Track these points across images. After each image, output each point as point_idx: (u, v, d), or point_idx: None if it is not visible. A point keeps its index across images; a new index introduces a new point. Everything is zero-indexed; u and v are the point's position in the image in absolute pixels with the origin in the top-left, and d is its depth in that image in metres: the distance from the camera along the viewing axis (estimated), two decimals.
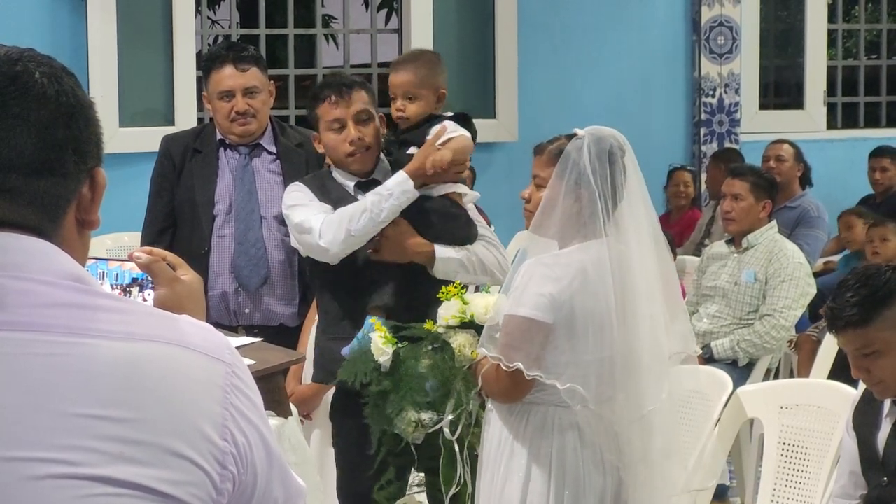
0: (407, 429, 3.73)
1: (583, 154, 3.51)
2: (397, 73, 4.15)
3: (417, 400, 3.73)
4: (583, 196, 3.50)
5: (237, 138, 4.73)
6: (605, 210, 3.50)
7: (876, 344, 3.43)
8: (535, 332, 3.46)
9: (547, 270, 3.48)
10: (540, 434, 3.53)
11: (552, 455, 3.52)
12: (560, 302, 3.44)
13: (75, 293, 1.41)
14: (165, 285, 1.84)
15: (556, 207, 3.53)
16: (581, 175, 3.50)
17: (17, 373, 1.36)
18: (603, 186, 3.50)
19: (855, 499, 3.63)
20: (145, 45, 7.44)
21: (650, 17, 8.51)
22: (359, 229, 3.94)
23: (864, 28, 9.72)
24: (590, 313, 3.46)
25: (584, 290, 3.46)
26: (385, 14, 10.54)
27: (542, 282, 3.46)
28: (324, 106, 4.08)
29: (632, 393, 3.52)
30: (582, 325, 3.46)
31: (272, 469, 1.48)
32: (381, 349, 3.78)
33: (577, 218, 3.51)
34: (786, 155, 7.55)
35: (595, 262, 3.49)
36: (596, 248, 3.50)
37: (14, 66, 1.44)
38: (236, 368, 1.46)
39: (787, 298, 5.79)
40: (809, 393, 4.31)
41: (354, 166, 4.09)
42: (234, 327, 4.56)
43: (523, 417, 3.56)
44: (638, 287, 3.52)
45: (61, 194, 1.45)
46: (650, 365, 3.52)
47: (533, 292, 3.46)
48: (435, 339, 3.75)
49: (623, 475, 3.54)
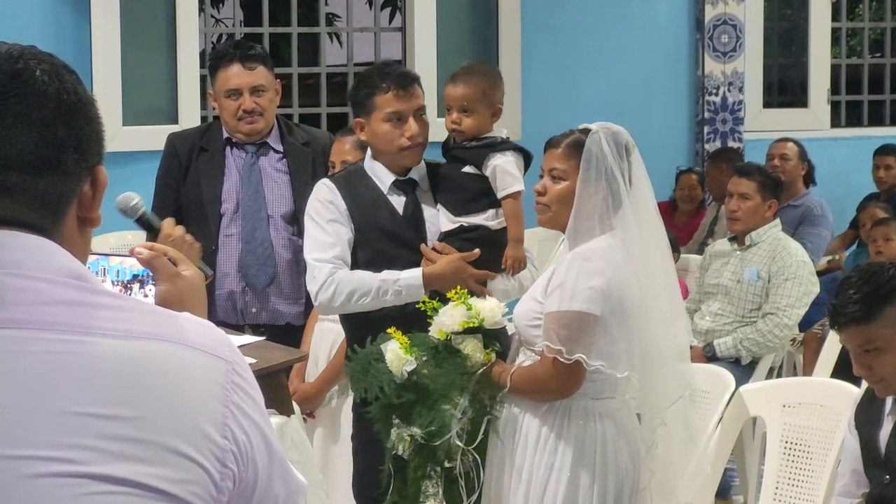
0: (399, 443, 3.68)
1: (604, 147, 3.59)
2: (456, 85, 4.10)
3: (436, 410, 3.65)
4: (603, 185, 3.59)
5: (244, 137, 4.73)
6: (620, 201, 3.61)
7: (878, 341, 3.44)
8: (591, 324, 3.53)
9: (589, 264, 3.56)
10: (584, 428, 3.59)
11: (596, 448, 3.58)
12: (608, 293, 3.54)
13: (75, 291, 1.41)
14: (166, 281, 1.84)
15: (584, 201, 3.60)
16: (607, 168, 3.59)
17: (16, 371, 1.36)
18: (622, 177, 3.61)
19: (857, 497, 3.64)
20: (148, 43, 7.43)
21: (653, 16, 8.50)
22: (359, 306, 3.93)
23: (868, 26, 9.71)
24: (630, 298, 3.56)
25: (622, 277, 3.57)
26: (389, 12, 10.54)
27: (589, 276, 3.54)
28: (385, 96, 3.99)
29: (669, 375, 3.62)
30: (627, 311, 3.56)
31: (273, 466, 1.48)
32: (403, 359, 3.67)
33: (603, 210, 3.60)
34: (790, 153, 7.54)
35: (623, 245, 3.59)
36: (620, 233, 3.61)
37: (15, 64, 1.44)
38: (237, 366, 1.45)
39: (790, 297, 5.78)
40: (812, 391, 4.31)
41: (406, 161, 4.04)
42: (240, 326, 4.56)
43: (565, 413, 3.61)
44: (655, 276, 3.62)
45: (62, 192, 1.45)
46: (671, 355, 3.63)
47: (582, 286, 3.53)
48: (446, 346, 3.70)
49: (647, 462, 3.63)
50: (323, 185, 4.09)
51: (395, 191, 4.05)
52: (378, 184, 4.06)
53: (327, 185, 4.08)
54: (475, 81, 4.11)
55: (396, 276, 3.90)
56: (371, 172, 4.08)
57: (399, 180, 4.06)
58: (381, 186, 4.05)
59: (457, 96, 4.08)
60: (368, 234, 3.99)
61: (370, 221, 3.99)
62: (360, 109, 4.05)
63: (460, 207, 4.05)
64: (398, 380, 3.66)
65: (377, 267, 3.96)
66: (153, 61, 7.45)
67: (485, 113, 4.09)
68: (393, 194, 4.05)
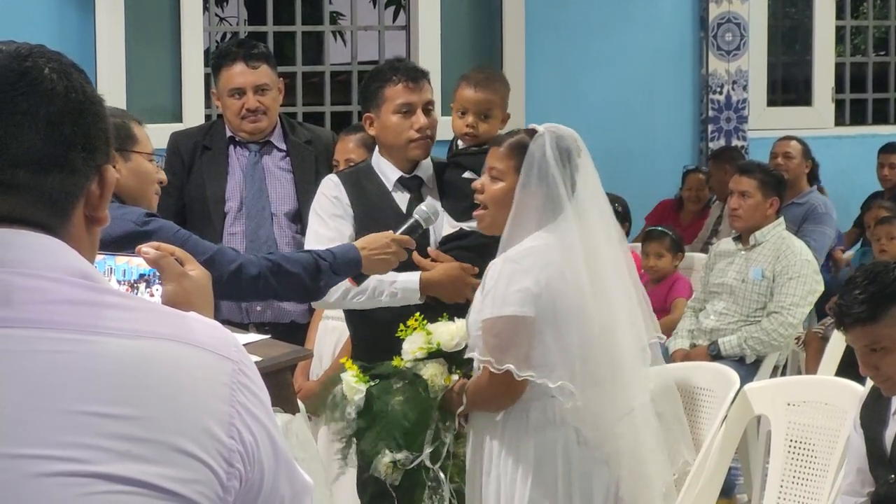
0: (385, 470, 3.70)
1: (547, 152, 3.50)
2: (476, 89, 4.09)
3: (394, 436, 3.69)
4: (542, 191, 3.49)
5: (247, 135, 4.73)
6: (562, 204, 3.50)
7: (884, 341, 3.44)
8: (521, 329, 3.43)
9: (515, 265, 3.46)
10: (543, 428, 3.50)
11: (557, 448, 3.49)
12: (537, 293, 3.43)
13: (82, 290, 1.40)
14: (173, 281, 1.83)
15: (522, 204, 3.51)
16: (545, 171, 3.49)
17: (23, 370, 1.36)
18: (564, 181, 3.50)
19: (862, 496, 3.63)
20: (153, 41, 7.44)
21: (657, 15, 8.50)
22: (354, 304, 3.93)
23: (873, 24, 9.70)
24: (567, 298, 3.45)
25: (556, 275, 3.46)
26: (393, 11, 10.53)
27: (515, 277, 3.44)
28: (396, 88, 3.99)
29: (618, 384, 3.50)
30: (563, 312, 3.45)
31: (279, 466, 1.48)
32: (354, 388, 3.74)
33: (542, 215, 3.50)
34: (794, 152, 7.53)
35: (560, 245, 3.49)
36: (557, 233, 3.50)
37: (23, 62, 1.44)
38: (243, 366, 1.45)
39: (794, 296, 5.78)
40: (817, 390, 4.31)
41: (413, 153, 4.02)
42: (245, 325, 4.56)
43: (523, 415, 3.52)
44: (603, 279, 3.51)
45: (69, 191, 1.45)
46: (632, 354, 3.51)
47: (510, 290, 3.43)
48: (404, 374, 3.71)
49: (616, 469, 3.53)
50: (330, 180, 4.09)
51: (400, 188, 4.05)
52: (384, 181, 4.05)
53: (334, 180, 4.08)
54: (496, 87, 4.12)
55: (393, 277, 3.88)
56: (377, 169, 4.07)
57: (404, 177, 4.05)
58: (387, 183, 4.05)
59: (478, 101, 4.08)
60: (372, 231, 3.98)
61: (374, 219, 3.99)
62: (369, 103, 4.04)
63: (460, 213, 4.04)
64: (354, 407, 3.74)
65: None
66: (157, 60, 7.45)
67: (500, 119, 4.10)
68: (398, 192, 4.05)
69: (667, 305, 6.36)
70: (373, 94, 4.03)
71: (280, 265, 3.48)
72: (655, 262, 6.46)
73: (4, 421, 1.34)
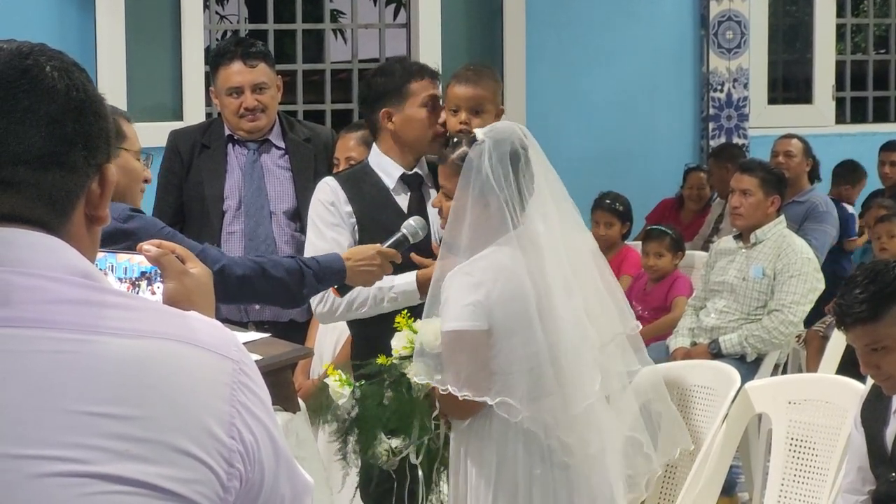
0: (382, 457, 3.70)
1: (483, 161, 3.42)
2: (466, 85, 4.08)
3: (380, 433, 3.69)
4: (490, 204, 3.41)
5: (246, 134, 4.73)
6: (512, 213, 3.42)
7: (885, 340, 3.44)
8: (464, 344, 3.38)
9: (466, 279, 3.40)
10: (504, 435, 3.43)
11: (518, 454, 3.44)
12: (488, 307, 3.37)
13: (83, 289, 1.40)
14: (174, 279, 1.82)
15: (465, 219, 3.44)
16: (485, 183, 3.41)
17: (23, 370, 1.35)
18: (508, 190, 3.41)
19: (863, 494, 3.63)
20: (153, 39, 7.44)
21: (658, 12, 8.50)
22: (359, 314, 3.94)
23: (873, 23, 9.70)
24: (514, 313, 3.39)
25: (505, 290, 3.39)
26: (393, 9, 10.53)
27: (465, 291, 3.39)
28: (423, 82, 4.00)
29: (566, 391, 3.41)
30: (510, 328, 3.39)
31: (279, 466, 1.48)
32: (339, 392, 3.73)
33: (488, 225, 3.44)
34: (794, 150, 7.53)
35: (510, 260, 3.42)
36: (508, 248, 3.43)
37: (25, 60, 1.44)
38: (244, 365, 1.45)
39: (795, 294, 5.78)
40: (817, 388, 4.31)
41: (433, 148, 4.02)
42: (244, 323, 4.56)
43: (486, 422, 3.46)
44: (553, 282, 3.42)
45: (70, 189, 1.45)
46: (577, 361, 3.41)
47: (458, 304, 3.38)
48: (389, 372, 3.70)
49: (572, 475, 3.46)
50: (325, 184, 4.05)
51: (402, 187, 4.03)
52: (384, 179, 4.03)
53: (330, 184, 4.04)
54: (486, 83, 4.10)
55: (391, 282, 3.86)
56: (378, 168, 4.05)
57: (406, 174, 4.04)
58: (388, 182, 4.03)
59: (468, 97, 4.06)
60: (374, 233, 3.97)
61: (375, 221, 3.97)
62: (389, 98, 3.99)
63: None
64: (343, 409, 3.73)
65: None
66: (158, 58, 7.45)
67: (493, 114, 4.08)
68: (398, 192, 4.03)
69: (667, 304, 6.35)
70: (395, 88, 3.99)
71: (265, 269, 3.47)
72: (655, 262, 6.45)
73: (5, 421, 1.34)
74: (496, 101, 4.13)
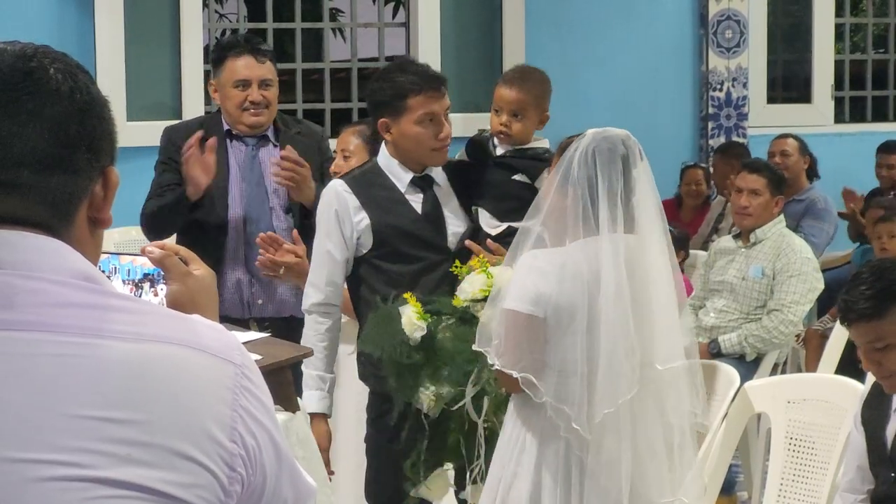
0: (428, 402, 3.68)
1: (577, 152, 3.42)
2: (510, 88, 4.08)
3: (449, 375, 3.67)
4: (569, 195, 3.41)
5: (246, 129, 4.75)
6: (589, 211, 3.40)
7: (889, 337, 3.44)
8: (523, 325, 3.38)
9: (532, 261, 3.41)
10: (550, 429, 3.41)
11: (560, 455, 3.42)
12: (549, 298, 3.38)
13: (86, 293, 1.40)
14: (178, 280, 1.82)
15: (544, 205, 3.46)
16: (568, 172, 3.41)
17: (25, 373, 1.35)
18: (590, 188, 3.40)
19: (862, 493, 3.64)
20: (152, 38, 7.44)
21: (658, 12, 8.50)
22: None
23: (872, 22, 9.70)
24: (567, 313, 3.38)
25: (563, 285, 3.39)
26: (392, 8, 10.54)
27: (532, 276, 3.40)
28: (419, 98, 3.91)
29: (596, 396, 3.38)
30: (562, 324, 3.38)
31: (282, 470, 1.48)
32: (416, 324, 3.68)
33: (563, 217, 3.43)
34: (790, 150, 7.54)
35: (581, 260, 3.40)
36: (582, 249, 3.41)
37: (29, 62, 1.44)
38: (246, 369, 1.44)
39: (794, 293, 5.78)
40: (817, 388, 4.31)
41: (434, 161, 4.00)
42: (245, 321, 4.57)
43: (539, 409, 3.43)
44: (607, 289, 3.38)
45: (73, 191, 1.45)
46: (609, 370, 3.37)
47: (522, 286, 3.40)
48: (463, 313, 3.68)
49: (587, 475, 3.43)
50: (332, 189, 4.03)
51: (413, 189, 4.01)
52: (395, 182, 4.01)
53: (337, 189, 4.01)
54: (529, 87, 4.10)
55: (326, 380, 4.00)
56: (387, 170, 4.02)
57: (417, 177, 4.02)
58: (399, 185, 4.00)
59: (511, 100, 4.07)
60: (387, 235, 3.95)
61: (388, 223, 3.95)
62: (386, 110, 3.95)
63: (505, 213, 4.01)
64: (411, 343, 3.69)
65: (399, 267, 3.94)
66: (157, 57, 7.45)
67: (534, 119, 4.09)
68: (410, 193, 4.00)
69: None
70: (391, 102, 3.93)
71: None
72: None
73: (6, 424, 1.34)
74: (540, 105, 4.11)
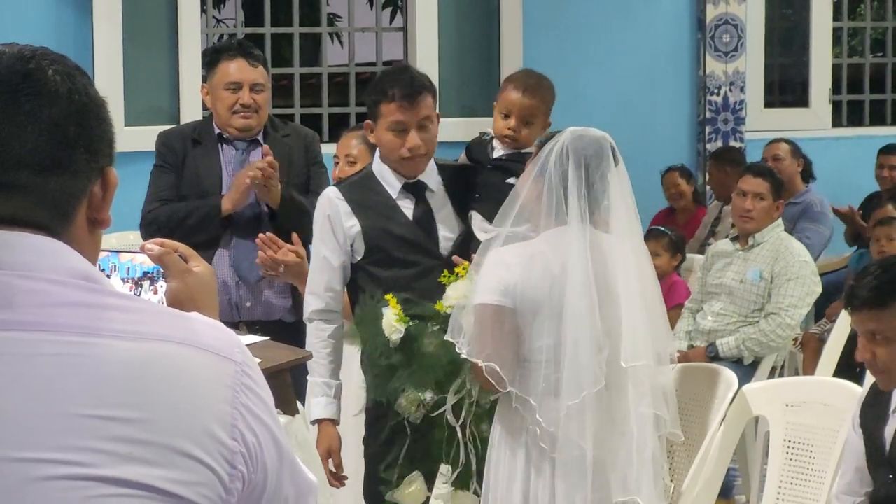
0: (410, 407, 3.71)
1: (554, 147, 3.46)
2: (525, 94, 4.08)
3: (424, 380, 3.69)
4: (542, 189, 3.45)
5: (236, 132, 4.79)
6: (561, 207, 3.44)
7: (888, 331, 3.48)
8: (492, 316, 3.41)
9: (499, 256, 3.46)
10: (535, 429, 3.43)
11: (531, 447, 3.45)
12: (515, 288, 3.41)
13: (85, 292, 1.40)
14: (177, 277, 1.82)
15: (519, 197, 3.50)
16: (544, 166, 3.46)
17: (25, 373, 1.36)
18: (563, 183, 3.44)
19: (860, 495, 3.64)
20: (150, 43, 7.44)
21: (655, 16, 8.51)
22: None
23: (870, 26, 9.72)
24: (534, 303, 3.42)
25: (530, 274, 3.43)
26: (390, 12, 10.55)
27: (494, 268, 3.44)
28: (389, 106, 3.91)
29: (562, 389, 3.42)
30: (533, 310, 3.42)
31: (283, 467, 1.48)
32: (394, 327, 3.72)
33: (535, 210, 3.47)
34: (782, 153, 7.55)
35: (548, 252, 3.45)
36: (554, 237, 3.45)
37: (27, 64, 1.45)
38: (246, 367, 1.45)
39: (792, 297, 5.78)
40: (815, 390, 4.32)
41: (405, 170, 3.99)
42: (235, 323, 4.58)
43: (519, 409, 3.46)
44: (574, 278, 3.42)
45: (72, 192, 1.45)
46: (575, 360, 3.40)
47: (485, 278, 3.44)
48: (444, 319, 3.68)
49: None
50: (326, 196, 4.05)
51: (406, 195, 4.01)
52: (387, 188, 4.02)
53: (330, 196, 4.04)
54: (543, 94, 4.12)
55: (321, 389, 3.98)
56: (380, 176, 4.03)
57: (408, 183, 4.02)
58: (391, 190, 4.01)
59: (525, 106, 4.07)
60: (378, 240, 3.96)
61: (381, 228, 3.96)
62: (370, 114, 4.01)
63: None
64: (391, 344, 3.72)
65: (393, 272, 3.94)
66: (155, 62, 7.45)
67: (542, 126, 4.09)
68: (403, 199, 4.01)
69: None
70: (371, 106, 3.99)
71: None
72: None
73: (6, 424, 1.34)
74: (548, 113, 4.14)
